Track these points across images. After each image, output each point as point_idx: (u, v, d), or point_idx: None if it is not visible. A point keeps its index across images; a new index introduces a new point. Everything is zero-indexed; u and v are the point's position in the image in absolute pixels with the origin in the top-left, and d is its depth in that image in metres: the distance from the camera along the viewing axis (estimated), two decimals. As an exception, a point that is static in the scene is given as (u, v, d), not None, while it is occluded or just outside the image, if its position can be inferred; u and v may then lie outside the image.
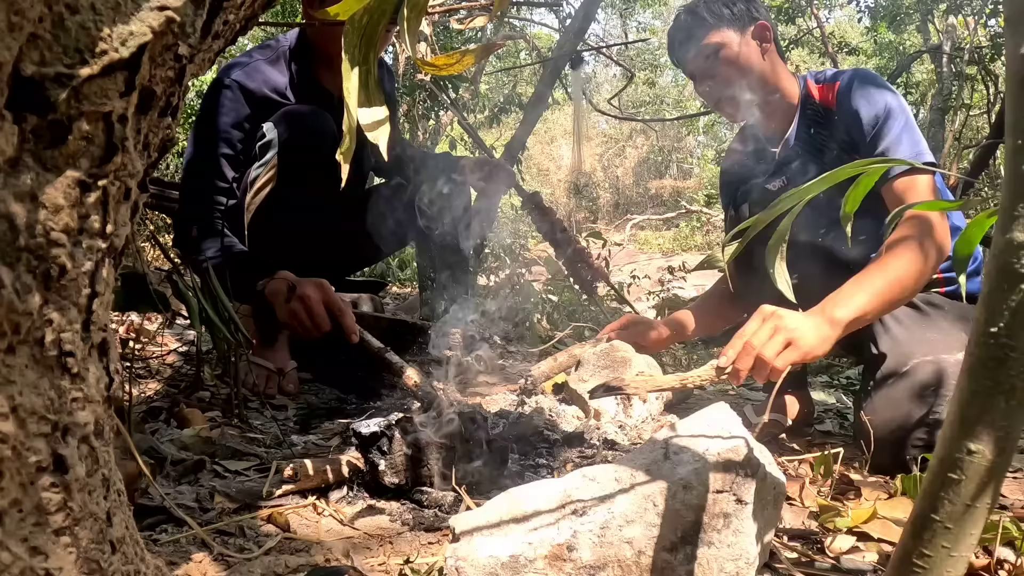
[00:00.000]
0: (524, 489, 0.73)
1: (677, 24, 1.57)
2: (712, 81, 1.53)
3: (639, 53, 15.21)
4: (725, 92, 1.53)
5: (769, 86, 1.53)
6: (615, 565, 0.66)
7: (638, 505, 0.68)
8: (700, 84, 1.57)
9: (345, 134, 0.61)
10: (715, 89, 1.54)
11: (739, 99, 1.53)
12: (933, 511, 0.44)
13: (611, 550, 0.66)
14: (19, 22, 0.35)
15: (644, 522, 0.67)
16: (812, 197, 0.64)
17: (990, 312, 0.41)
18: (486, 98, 6.76)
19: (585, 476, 0.73)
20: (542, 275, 5.03)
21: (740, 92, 1.52)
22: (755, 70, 1.51)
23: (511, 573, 0.65)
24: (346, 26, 0.60)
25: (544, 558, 0.65)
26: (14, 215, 0.35)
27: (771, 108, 1.56)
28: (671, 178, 15.84)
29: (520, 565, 0.65)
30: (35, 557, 0.36)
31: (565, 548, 0.65)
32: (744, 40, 1.51)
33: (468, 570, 0.65)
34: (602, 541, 0.66)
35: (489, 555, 0.65)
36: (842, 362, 3.09)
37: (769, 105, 1.56)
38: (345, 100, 0.61)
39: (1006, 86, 0.42)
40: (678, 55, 1.59)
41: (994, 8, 6.34)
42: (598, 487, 0.71)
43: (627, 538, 0.66)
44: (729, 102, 1.55)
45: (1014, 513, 0.98)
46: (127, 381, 1.14)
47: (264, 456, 1.20)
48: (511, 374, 2.12)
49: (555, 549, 0.65)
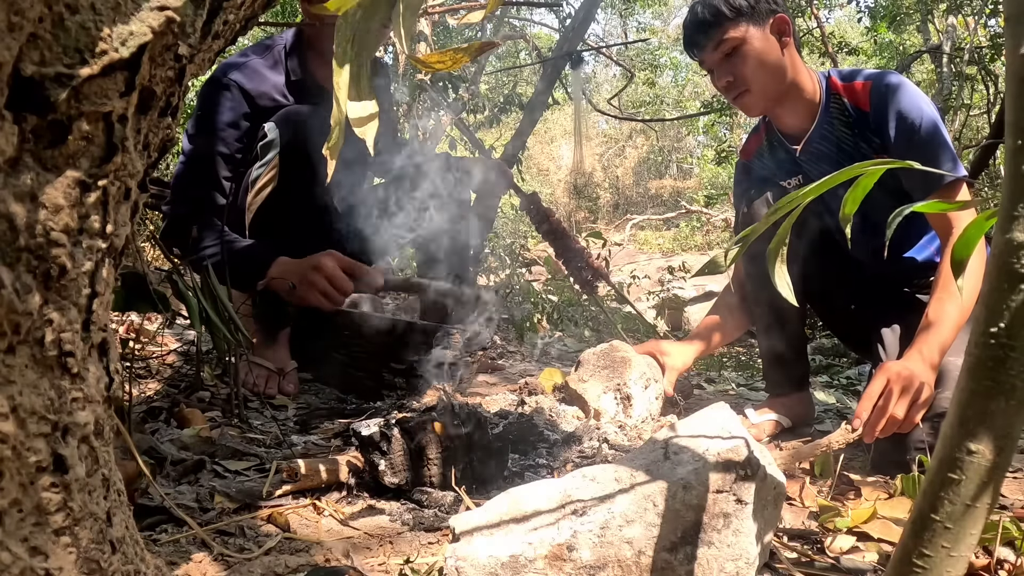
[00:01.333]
0: (524, 489, 0.73)
1: (693, 17, 1.52)
2: (731, 76, 1.49)
3: (639, 53, 15.21)
4: (743, 87, 1.49)
5: (788, 82, 1.50)
6: (615, 565, 0.66)
7: (638, 505, 0.68)
8: (718, 79, 1.53)
9: (332, 128, 0.61)
10: (734, 84, 1.50)
11: (758, 95, 1.50)
12: (933, 511, 0.44)
13: (611, 550, 0.66)
14: (19, 22, 0.35)
15: (644, 522, 0.67)
16: (810, 200, 0.64)
17: (990, 312, 0.41)
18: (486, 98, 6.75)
19: (585, 476, 0.73)
20: (542, 275, 5.03)
21: (759, 88, 1.48)
22: (774, 65, 1.48)
23: (511, 573, 0.65)
24: (339, 21, 0.60)
25: (544, 558, 0.65)
26: (14, 215, 0.35)
27: (790, 104, 1.53)
28: (671, 178, 15.83)
29: (520, 565, 0.65)
30: (35, 557, 0.36)
31: (565, 548, 0.65)
32: (763, 34, 1.47)
33: (468, 570, 0.65)
34: (602, 541, 0.66)
35: (489, 555, 0.65)
36: (842, 362, 3.09)
37: (788, 101, 1.53)
38: (334, 94, 0.60)
39: (1006, 86, 0.42)
40: (694, 49, 1.54)
41: (994, 8, 6.34)
42: (598, 487, 0.71)
43: (627, 538, 0.66)
44: (748, 97, 1.51)
45: (1014, 513, 0.98)
46: (127, 381, 1.14)
47: (264, 456, 1.20)
48: (511, 374, 2.12)
49: (555, 549, 0.65)
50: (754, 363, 3.27)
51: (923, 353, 1.21)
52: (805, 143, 1.56)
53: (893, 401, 1.14)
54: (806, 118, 1.54)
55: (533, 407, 1.47)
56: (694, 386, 2.06)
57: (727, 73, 1.49)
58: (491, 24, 8.02)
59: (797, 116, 1.55)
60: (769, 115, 1.60)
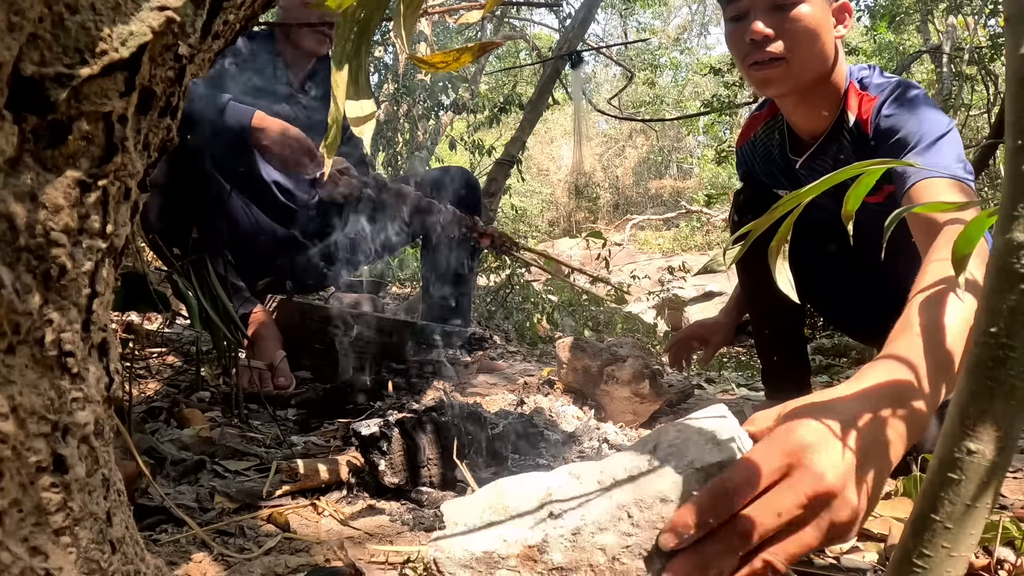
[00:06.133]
0: (511, 481, 0.73)
1: None
2: (771, 31, 1.21)
3: (639, 53, 15.20)
4: (781, 53, 1.22)
5: (824, 73, 1.26)
6: (587, 569, 0.65)
7: (612, 515, 0.66)
8: (753, 28, 1.21)
9: (330, 125, 0.61)
10: (769, 43, 1.21)
11: (796, 69, 1.23)
12: (933, 511, 0.44)
13: (583, 555, 0.65)
14: (19, 22, 0.35)
15: (617, 531, 0.66)
16: (810, 200, 0.64)
17: (990, 312, 0.41)
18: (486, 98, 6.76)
19: (571, 473, 0.72)
20: (542, 275, 5.03)
21: (799, 61, 1.22)
22: (823, 45, 1.23)
23: (485, 568, 0.65)
24: (338, 19, 0.60)
25: (517, 556, 0.65)
26: (14, 215, 0.35)
27: (814, 101, 1.30)
28: (671, 178, 15.83)
29: (493, 561, 0.65)
30: (35, 557, 0.36)
31: (536, 550, 0.65)
32: (825, 6, 1.23)
33: (445, 562, 0.66)
34: (574, 546, 0.66)
35: (465, 548, 0.66)
36: (842, 362, 3.09)
37: (814, 96, 1.29)
38: (332, 92, 0.60)
39: (1006, 86, 0.42)
40: None
41: (994, 8, 6.33)
42: (579, 487, 0.70)
43: (600, 544, 0.66)
44: (781, 68, 1.23)
45: (1014, 513, 0.98)
46: (127, 381, 1.14)
47: (264, 456, 1.20)
48: (511, 374, 2.12)
49: (527, 550, 0.65)
50: (754, 363, 3.27)
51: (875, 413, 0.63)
52: (809, 156, 1.36)
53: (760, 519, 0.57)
54: (823, 125, 1.32)
55: (533, 407, 1.47)
56: (694, 386, 2.06)
57: (769, 25, 1.21)
58: (491, 24, 8.02)
59: (814, 118, 1.32)
60: (786, 104, 1.35)
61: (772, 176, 1.50)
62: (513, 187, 12.56)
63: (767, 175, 1.51)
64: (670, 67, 17.66)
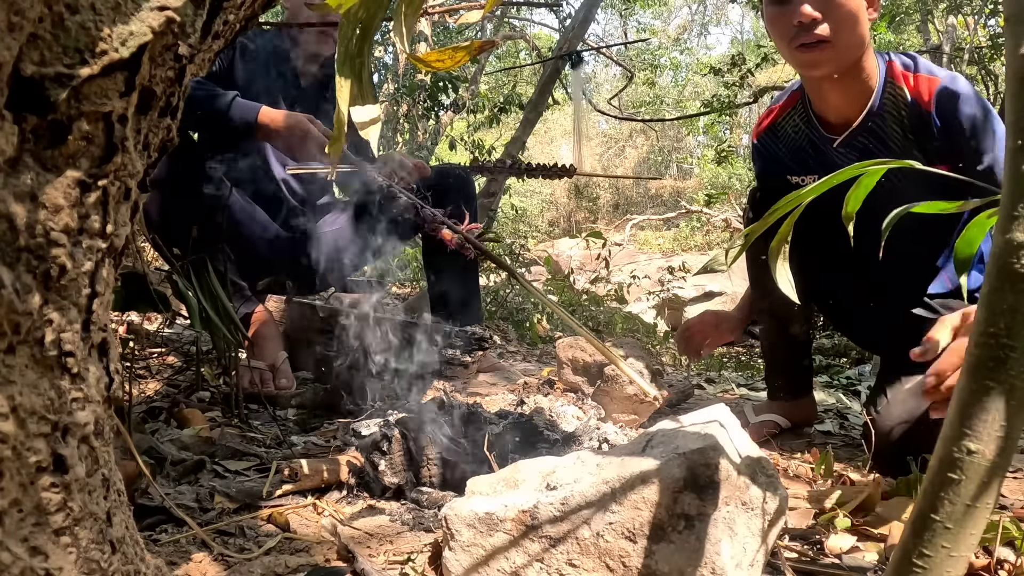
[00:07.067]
0: (528, 461, 0.82)
1: None
2: (818, 14, 1.23)
3: (639, 53, 15.20)
4: (827, 36, 1.24)
5: (861, 56, 1.28)
6: (573, 541, 0.70)
7: (597, 489, 0.71)
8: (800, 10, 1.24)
9: (335, 127, 0.61)
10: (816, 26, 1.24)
11: (841, 51, 1.25)
12: (933, 511, 0.44)
13: (568, 526, 0.70)
14: (19, 22, 0.35)
15: (602, 507, 0.70)
16: (813, 198, 0.64)
17: (990, 312, 0.41)
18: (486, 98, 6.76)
19: (579, 458, 0.79)
20: (542, 275, 5.03)
21: (843, 44, 1.25)
22: (861, 29, 1.26)
23: (485, 527, 0.72)
24: (342, 19, 0.60)
25: (512, 520, 0.72)
26: (14, 215, 0.35)
27: (848, 83, 1.31)
28: (671, 178, 15.83)
29: (492, 522, 0.72)
30: (35, 557, 0.36)
31: (528, 515, 0.71)
32: None
33: (453, 519, 0.73)
34: (562, 516, 0.71)
35: (471, 509, 0.73)
36: (842, 362, 3.09)
37: (848, 79, 1.30)
38: (336, 95, 0.60)
39: (1006, 86, 0.42)
40: None
41: (994, 8, 6.34)
42: (581, 467, 0.76)
43: (585, 518, 0.70)
44: (827, 51, 1.25)
45: (1014, 513, 0.98)
46: (127, 381, 1.14)
47: (264, 456, 1.20)
48: (511, 374, 2.12)
49: (520, 515, 0.72)
50: (754, 363, 3.27)
51: None
52: (849, 134, 1.35)
53: None
54: (855, 106, 1.33)
55: (533, 407, 1.47)
56: (694, 386, 2.06)
57: (817, 7, 1.24)
58: (491, 24, 8.02)
59: (848, 100, 1.33)
60: (823, 86, 1.35)
61: (801, 162, 1.47)
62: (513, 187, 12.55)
63: (795, 160, 1.48)
64: (670, 67, 17.67)
